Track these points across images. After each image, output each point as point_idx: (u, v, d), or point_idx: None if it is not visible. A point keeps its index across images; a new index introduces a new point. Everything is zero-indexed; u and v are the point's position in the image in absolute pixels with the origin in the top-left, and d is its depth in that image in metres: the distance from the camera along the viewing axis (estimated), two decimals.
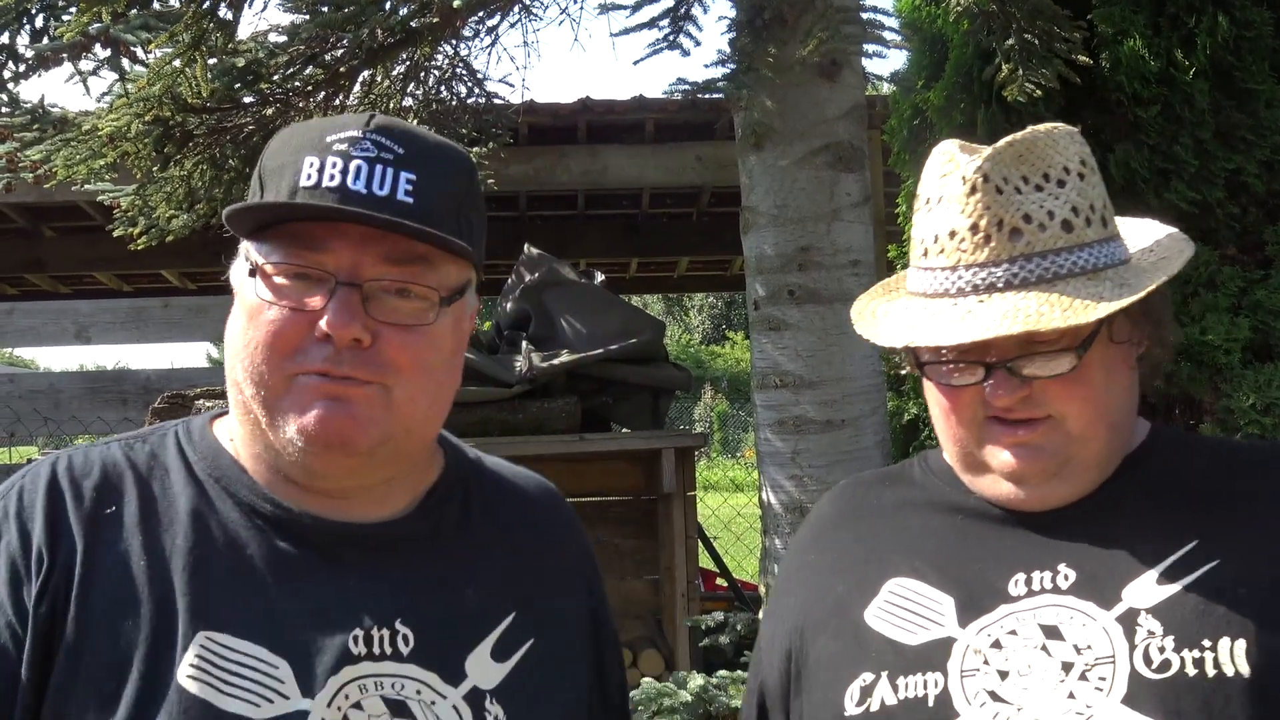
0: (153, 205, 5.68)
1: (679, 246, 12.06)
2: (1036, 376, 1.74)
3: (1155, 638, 1.66)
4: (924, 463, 2.04)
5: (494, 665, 1.65)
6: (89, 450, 1.67)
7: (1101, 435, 1.79)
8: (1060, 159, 1.77)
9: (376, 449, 1.60)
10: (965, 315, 1.72)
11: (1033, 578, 1.77)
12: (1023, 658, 1.70)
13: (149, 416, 5.47)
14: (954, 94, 5.53)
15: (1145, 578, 1.71)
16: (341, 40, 4.98)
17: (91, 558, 1.54)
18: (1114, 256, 1.79)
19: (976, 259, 1.74)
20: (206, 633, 1.52)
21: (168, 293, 12.43)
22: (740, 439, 30.21)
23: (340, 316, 1.52)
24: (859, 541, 1.98)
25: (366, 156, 1.55)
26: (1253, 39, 4.73)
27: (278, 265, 1.56)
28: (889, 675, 1.78)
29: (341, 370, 1.55)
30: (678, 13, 4.68)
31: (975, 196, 1.74)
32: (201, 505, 1.62)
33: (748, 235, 5.02)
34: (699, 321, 49.69)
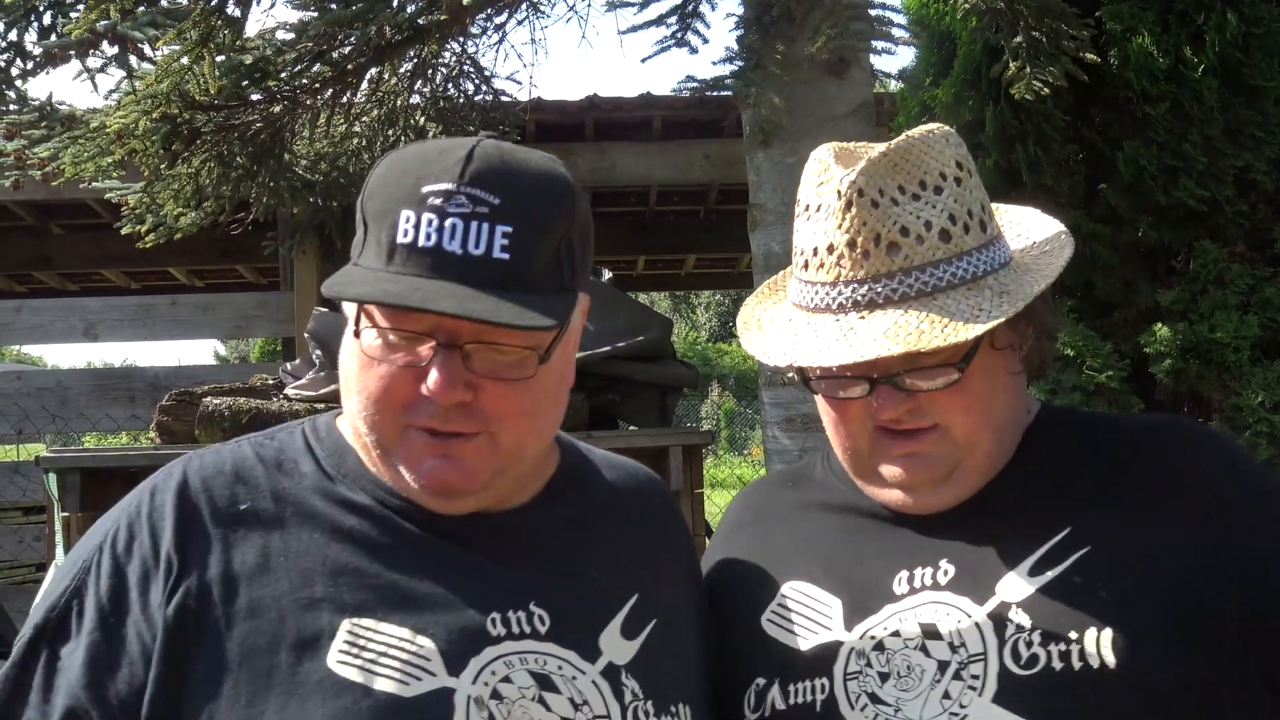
0: (160, 203, 5.69)
1: (686, 244, 12.06)
2: (920, 389, 1.75)
3: (1023, 633, 1.66)
4: (825, 461, 2.05)
5: (625, 642, 1.71)
6: (220, 450, 1.72)
7: (987, 439, 1.80)
8: (936, 165, 1.76)
9: (488, 484, 1.67)
10: (848, 332, 1.72)
11: (915, 575, 1.79)
12: (902, 659, 1.72)
13: (156, 414, 5.47)
14: (962, 91, 5.51)
15: (1018, 570, 1.72)
16: (349, 37, 4.98)
17: (229, 553, 1.59)
18: (994, 261, 1.78)
19: (856, 275, 1.73)
20: (352, 619, 1.57)
21: (175, 290, 12.45)
22: (748, 436, 30.18)
23: (443, 383, 1.56)
24: (761, 543, 2.02)
25: (461, 212, 1.55)
26: (1262, 35, 4.71)
27: (381, 331, 1.60)
28: (780, 681, 1.82)
29: (448, 427, 1.60)
30: (685, 10, 4.68)
31: (851, 212, 1.73)
32: (334, 498, 1.67)
33: (755, 232, 5.01)
34: (706, 319, 49.65)
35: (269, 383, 5.70)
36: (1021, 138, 4.96)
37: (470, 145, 1.60)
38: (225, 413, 5.09)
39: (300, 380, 5.46)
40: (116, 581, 1.58)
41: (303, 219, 7.72)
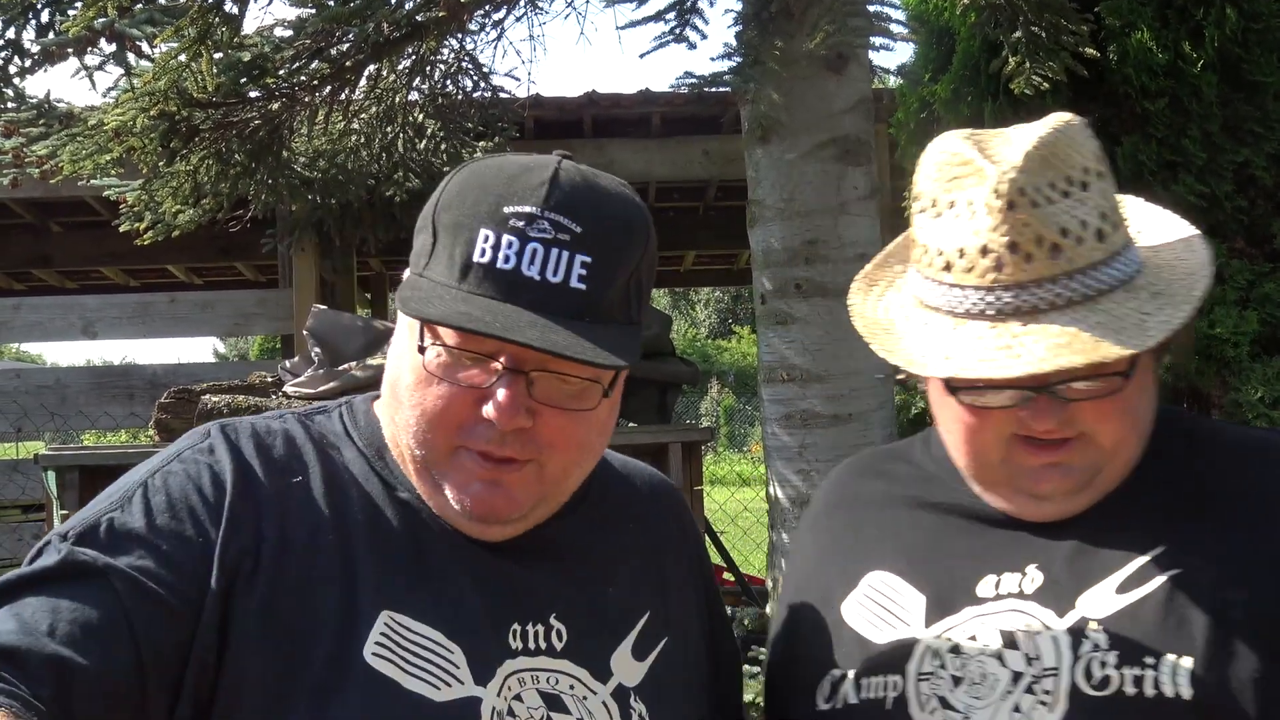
0: (159, 200, 5.69)
1: (686, 240, 12.07)
2: (1081, 398, 1.65)
3: (1099, 652, 1.61)
4: (925, 444, 1.97)
5: (635, 664, 1.69)
6: (269, 419, 1.70)
7: (1131, 446, 1.73)
8: (1080, 159, 1.66)
9: (529, 515, 1.65)
10: (1011, 341, 1.61)
11: (1002, 580, 1.74)
12: (978, 665, 1.68)
13: (156, 412, 5.47)
14: (961, 87, 5.51)
15: (1104, 585, 1.66)
16: (347, 34, 4.97)
17: (284, 523, 1.57)
18: (1136, 259, 1.69)
19: (1016, 279, 1.62)
20: (389, 612, 1.56)
21: (174, 288, 12.47)
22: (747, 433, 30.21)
23: (507, 410, 1.53)
24: (848, 529, 1.98)
25: (543, 238, 1.53)
26: (1261, 31, 4.71)
27: (446, 349, 1.57)
28: (855, 674, 1.79)
29: (503, 452, 1.57)
30: (684, 6, 4.67)
31: (1013, 213, 1.61)
32: (376, 489, 1.65)
33: (754, 229, 5.01)
34: (706, 316, 49.67)
35: (268, 380, 5.69)
36: None
37: (554, 166, 1.58)
38: (224, 410, 5.08)
39: (299, 378, 5.46)
40: (172, 512, 1.52)
41: (301, 216, 7.73)
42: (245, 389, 5.57)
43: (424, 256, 1.60)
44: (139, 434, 12.67)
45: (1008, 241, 1.61)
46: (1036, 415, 1.65)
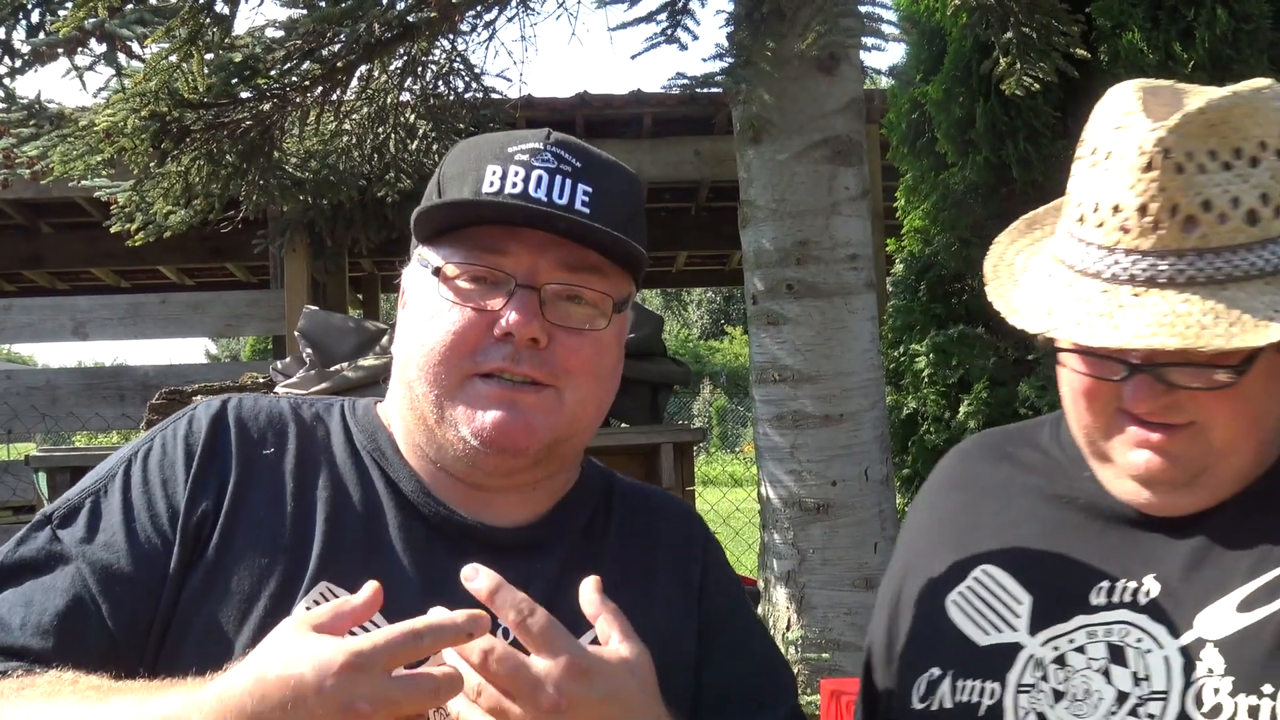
0: (150, 201, 5.68)
1: (677, 241, 12.07)
2: (1184, 386, 1.53)
3: (1213, 676, 1.50)
4: (1055, 430, 1.85)
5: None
6: (260, 398, 1.76)
7: (1248, 449, 1.58)
8: (1258, 132, 1.50)
9: (542, 451, 1.65)
10: (1116, 310, 1.50)
11: (1116, 588, 1.63)
12: (1082, 680, 1.59)
13: (147, 413, 5.46)
14: (952, 88, 5.52)
15: (1224, 603, 1.54)
16: (339, 35, 4.97)
17: (244, 491, 1.62)
18: None
19: (1139, 245, 1.50)
20: (327, 582, 1.59)
21: (165, 289, 12.44)
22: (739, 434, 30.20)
23: (521, 315, 1.57)
24: (965, 513, 1.87)
25: (547, 167, 1.61)
26: (1251, 31, 4.72)
27: (460, 267, 1.61)
28: (953, 675, 1.71)
29: (520, 369, 1.59)
30: (675, 7, 4.67)
31: (1151, 174, 1.49)
32: (353, 471, 1.69)
33: (746, 229, 5.01)
34: (698, 316, 49.67)
35: (259, 381, 5.69)
36: (1012, 134, 4.98)
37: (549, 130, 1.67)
38: None
39: (291, 378, 5.46)
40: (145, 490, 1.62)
41: (293, 217, 7.72)
42: (237, 390, 5.56)
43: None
44: (130, 435, 12.66)
45: (1139, 204, 1.50)
46: (1135, 394, 1.54)
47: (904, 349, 6.28)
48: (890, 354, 6.25)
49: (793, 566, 5.03)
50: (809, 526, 4.96)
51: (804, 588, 4.99)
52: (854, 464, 4.92)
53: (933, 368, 6.02)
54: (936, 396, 6.02)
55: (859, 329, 4.94)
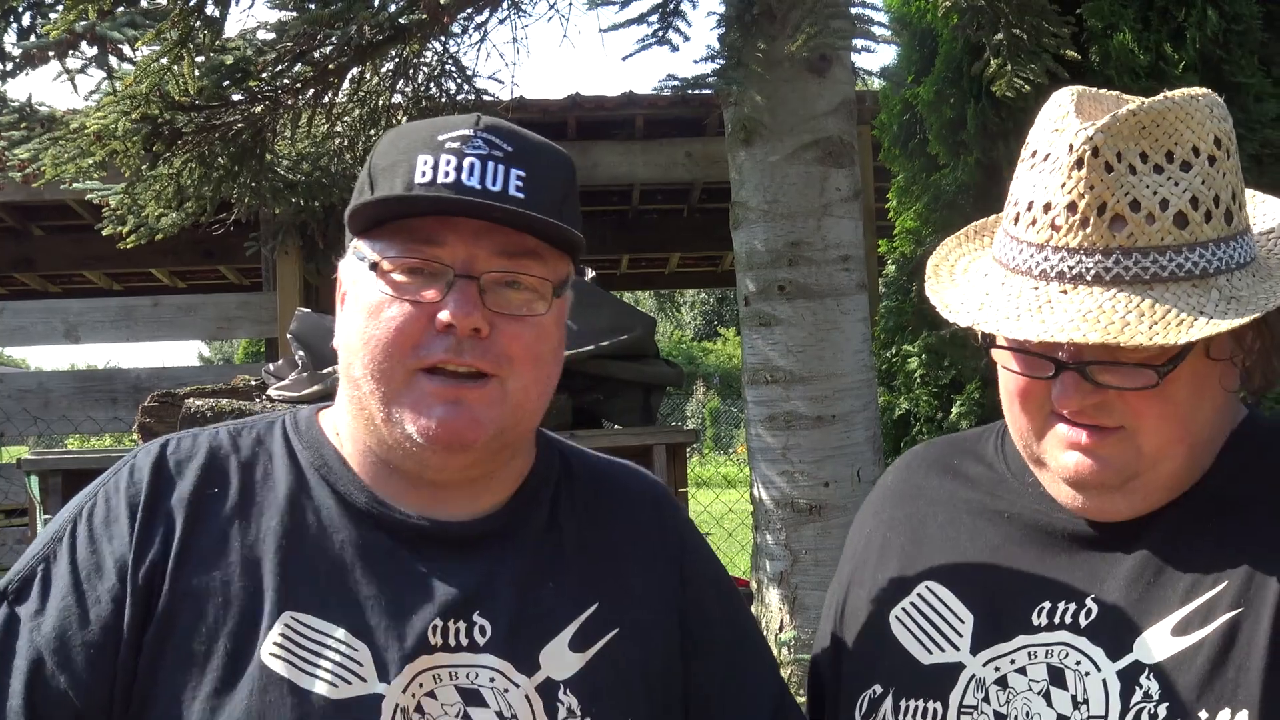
0: (141, 204, 5.67)
1: (670, 242, 12.06)
2: (1109, 386, 1.54)
3: (1150, 702, 1.51)
4: (1000, 442, 1.86)
5: (571, 656, 1.68)
6: (198, 434, 1.73)
7: (1178, 456, 1.59)
8: (1190, 136, 1.52)
9: (489, 443, 1.65)
10: (1044, 304, 1.52)
11: (1057, 609, 1.64)
12: (1023, 703, 1.60)
13: (139, 415, 5.46)
14: (943, 89, 5.53)
15: (1160, 626, 1.55)
16: (330, 37, 4.97)
17: (190, 535, 1.61)
18: (1232, 258, 1.54)
19: (1068, 242, 1.53)
20: (292, 613, 1.58)
21: (157, 291, 12.42)
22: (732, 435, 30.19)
23: (462, 307, 1.57)
24: (909, 527, 1.88)
25: (478, 154, 1.60)
26: (1241, 32, 4.73)
27: (396, 260, 1.60)
28: (895, 693, 1.72)
29: (464, 360, 1.59)
30: (667, 8, 4.68)
31: (1080, 172, 1.51)
32: (299, 492, 1.68)
33: (738, 231, 5.02)
34: (691, 318, 49.65)
35: (252, 384, 5.69)
36: (1003, 135, 4.98)
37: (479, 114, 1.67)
38: (208, 414, 5.07)
39: (283, 381, 5.45)
40: (92, 550, 1.60)
41: (285, 219, 7.71)
42: (229, 392, 5.56)
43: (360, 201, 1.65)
44: (123, 438, 12.65)
45: (1068, 201, 1.52)
46: (1063, 392, 1.56)
47: (896, 350, 6.28)
48: (882, 355, 6.26)
49: (785, 567, 5.03)
50: (802, 527, 4.97)
51: (797, 589, 4.99)
52: (846, 465, 4.92)
53: (925, 368, 6.03)
54: (929, 397, 6.03)
55: (851, 330, 4.95)
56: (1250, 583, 1.52)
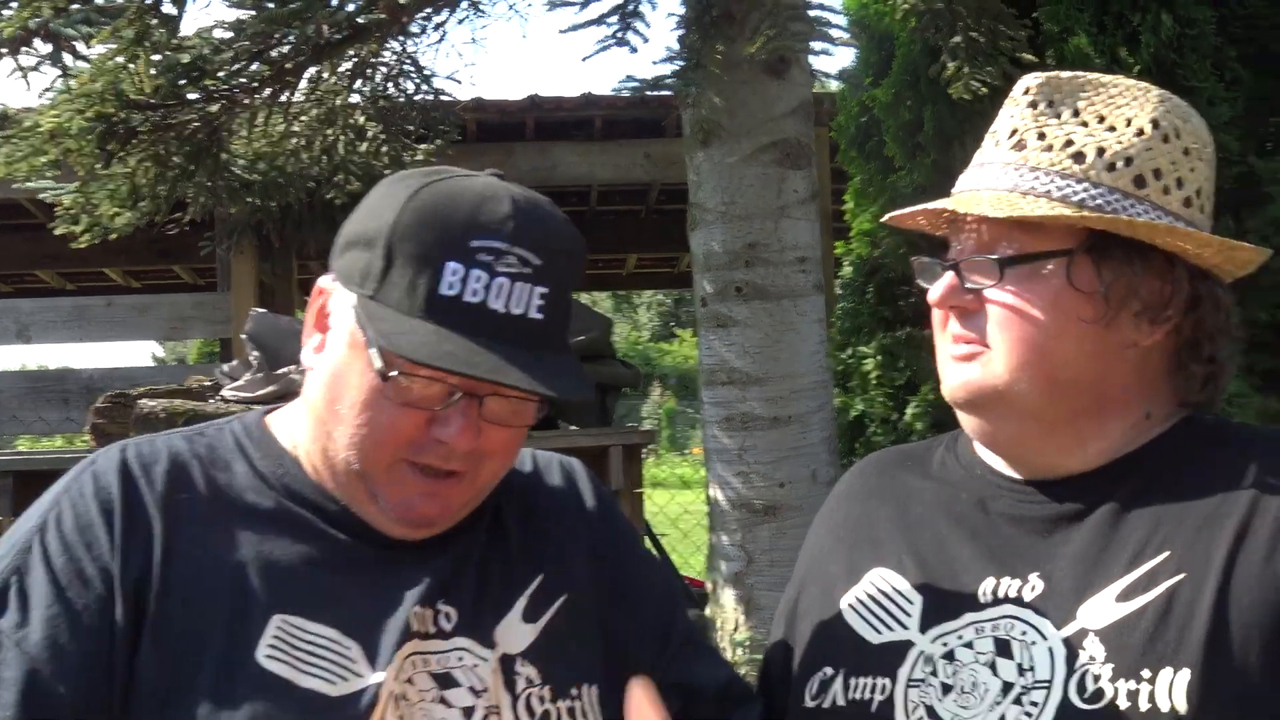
0: (95, 203, 5.62)
1: (627, 243, 12.08)
2: (972, 286, 1.70)
3: (1094, 664, 1.56)
4: (952, 444, 1.95)
5: (524, 627, 1.72)
6: (154, 439, 1.73)
7: (1036, 383, 1.68)
8: (1128, 112, 1.69)
9: (454, 519, 1.70)
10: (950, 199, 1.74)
11: (1001, 584, 1.69)
12: (969, 673, 1.65)
13: (91, 416, 5.41)
14: (901, 91, 5.56)
15: (1104, 594, 1.61)
16: (287, 36, 4.94)
17: (171, 538, 1.60)
18: (1122, 207, 1.66)
19: (980, 160, 1.75)
20: (282, 615, 1.60)
21: (111, 291, 12.32)
22: (688, 436, 30.24)
23: (465, 433, 1.59)
24: (861, 521, 1.95)
25: (509, 273, 1.58)
26: (1195, 37, 4.78)
27: (408, 370, 1.58)
28: (845, 673, 1.76)
29: (449, 467, 1.63)
30: (626, 9, 4.68)
31: (1011, 106, 1.75)
32: (266, 499, 1.69)
33: (695, 232, 5.02)
34: (648, 319, 49.66)
35: (205, 384, 5.65)
36: (960, 137, 5.02)
37: (512, 195, 1.63)
38: (161, 415, 5.04)
39: (238, 381, 5.42)
40: (69, 559, 1.57)
41: (240, 219, 7.66)
42: (183, 393, 5.52)
43: (373, 279, 1.61)
44: (74, 439, 12.52)
45: (994, 128, 1.78)
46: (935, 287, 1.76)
47: (852, 351, 6.31)
48: (838, 356, 6.28)
49: (741, 568, 5.04)
50: (757, 528, 4.98)
51: (752, 589, 5.00)
52: (802, 466, 4.93)
53: (880, 370, 6.05)
54: (884, 398, 6.06)
55: (807, 331, 4.96)
56: (1192, 552, 1.58)
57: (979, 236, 1.71)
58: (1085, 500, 1.70)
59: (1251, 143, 5.09)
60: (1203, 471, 1.67)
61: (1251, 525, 1.58)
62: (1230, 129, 4.94)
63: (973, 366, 1.72)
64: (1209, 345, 1.73)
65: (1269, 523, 1.58)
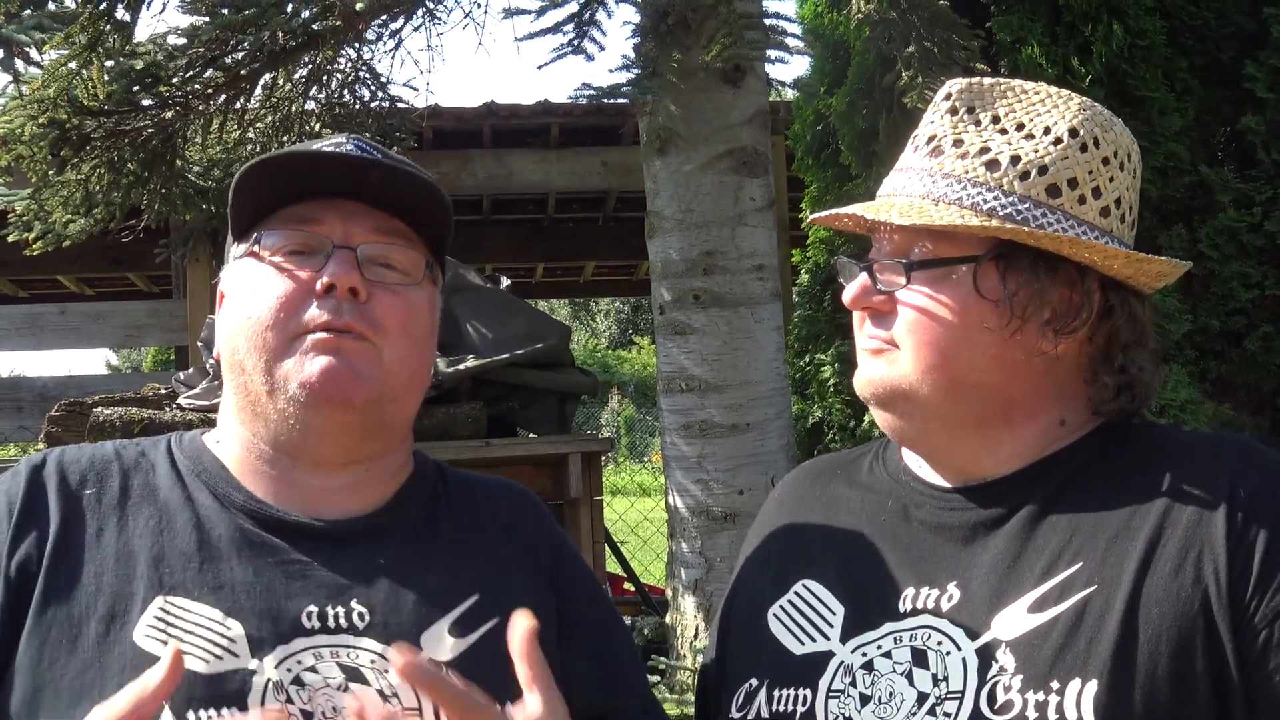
0: (49, 210, 5.59)
1: (585, 251, 12.07)
2: (883, 282, 1.73)
3: (1005, 675, 1.57)
4: (881, 453, 1.95)
5: (451, 640, 1.70)
6: (85, 446, 1.79)
7: (940, 385, 1.70)
8: (1047, 119, 1.70)
9: (369, 407, 1.71)
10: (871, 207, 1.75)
11: (920, 594, 1.71)
12: (887, 684, 1.66)
13: (45, 425, 5.37)
14: (856, 100, 5.58)
15: (1017, 605, 1.62)
16: (242, 43, 4.93)
17: (66, 530, 1.65)
18: (1035, 220, 1.67)
19: (900, 164, 1.77)
20: (166, 597, 1.61)
21: (65, 299, 12.22)
22: (647, 443, 30.26)
23: (341, 268, 1.67)
24: (789, 533, 1.96)
25: (357, 146, 1.74)
26: (1146, 47, 4.83)
27: (278, 241, 1.71)
28: (769, 684, 1.77)
29: (342, 320, 1.66)
30: (582, 18, 4.68)
31: (932, 112, 1.76)
32: (177, 493, 1.73)
33: (653, 240, 5.03)
34: (606, 326, 49.68)
35: (161, 392, 5.61)
36: None
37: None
38: (116, 422, 5.00)
39: (193, 389, 5.39)
40: None
41: (195, 226, 7.62)
42: (138, 401, 5.48)
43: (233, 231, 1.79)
44: (28, 447, 12.43)
45: (915, 131, 1.79)
46: (850, 284, 1.78)
47: (810, 358, 6.33)
48: (796, 363, 6.30)
49: (700, 575, 5.05)
50: (716, 535, 4.99)
51: (712, 596, 5.02)
52: (761, 473, 4.95)
53: (838, 377, 6.07)
54: (842, 405, 6.08)
55: (765, 339, 4.98)
56: (1104, 563, 1.60)
57: (893, 240, 1.74)
58: (1003, 505, 1.72)
59: (1202, 152, 5.13)
60: (1116, 480, 1.68)
61: (1162, 537, 1.59)
62: (1181, 138, 4.99)
63: (880, 363, 1.75)
64: (1121, 355, 1.73)
65: (1178, 535, 1.58)
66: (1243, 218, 4.96)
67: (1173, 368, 4.77)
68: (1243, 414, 5.11)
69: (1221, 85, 5.17)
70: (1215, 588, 1.54)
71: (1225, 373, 5.14)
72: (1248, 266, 4.98)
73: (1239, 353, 5.10)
